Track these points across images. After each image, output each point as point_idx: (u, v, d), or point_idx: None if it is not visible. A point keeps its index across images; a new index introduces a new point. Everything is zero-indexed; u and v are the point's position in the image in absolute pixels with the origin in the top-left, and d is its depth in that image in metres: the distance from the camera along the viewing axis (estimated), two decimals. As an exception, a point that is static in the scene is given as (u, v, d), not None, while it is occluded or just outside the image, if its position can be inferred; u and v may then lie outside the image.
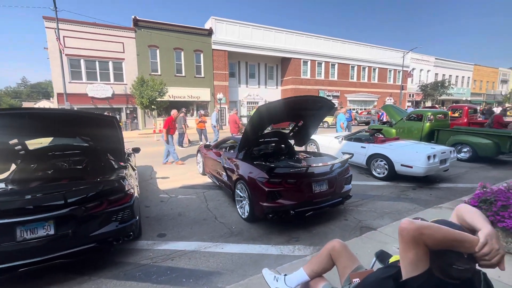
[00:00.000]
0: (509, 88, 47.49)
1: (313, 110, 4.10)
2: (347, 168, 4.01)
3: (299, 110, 4.07)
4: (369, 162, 6.07)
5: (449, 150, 5.56)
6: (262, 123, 3.78)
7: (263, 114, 3.52)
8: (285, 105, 3.63)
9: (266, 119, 3.85)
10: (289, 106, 3.75)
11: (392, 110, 9.89)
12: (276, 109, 3.62)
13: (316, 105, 3.96)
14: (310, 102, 3.90)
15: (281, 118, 4.34)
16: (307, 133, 4.69)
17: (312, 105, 3.97)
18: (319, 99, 3.78)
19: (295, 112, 4.17)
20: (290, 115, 4.32)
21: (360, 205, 4.50)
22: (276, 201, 3.32)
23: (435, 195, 5.01)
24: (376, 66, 33.65)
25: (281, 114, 3.98)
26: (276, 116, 3.99)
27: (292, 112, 4.10)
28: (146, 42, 20.71)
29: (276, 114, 3.86)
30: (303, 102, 3.79)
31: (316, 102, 3.85)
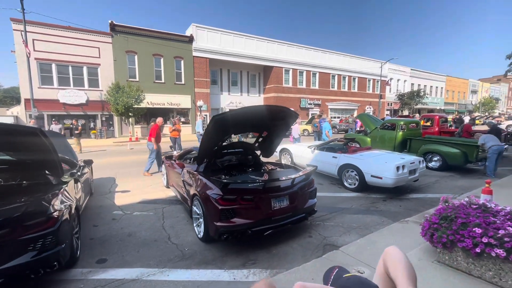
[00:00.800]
0: (478, 98, 50.38)
1: (276, 120, 3.89)
2: (311, 182, 3.81)
3: (262, 120, 3.85)
4: (340, 173, 5.95)
5: (418, 160, 5.54)
6: (219, 133, 3.51)
7: (219, 125, 3.26)
8: (243, 115, 3.39)
9: (224, 130, 3.58)
10: (249, 116, 3.52)
11: (367, 119, 9.98)
12: (235, 119, 3.37)
13: (279, 115, 3.76)
14: (272, 112, 3.69)
15: (242, 128, 4.10)
16: (272, 143, 4.47)
17: (275, 115, 3.77)
18: (280, 109, 3.58)
19: (258, 123, 3.95)
20: (253, 125, 4.10)
21: (328, 220, 4.30)
22: (230, 220, 3.03)
23: (405, 207, 4.91)
24: (355, 75, 34.63)
25: (241, 124, 3.74)
26: (236, 126, 3.74)
27: (254, 122, 3.88)
28: (123, 48, 20.11)
29: (235, 124, 3.61)
30: (264, 112, 3.58)
31: (278, 112, 3.65)
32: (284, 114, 3.74)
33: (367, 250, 3.06)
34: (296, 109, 29.55)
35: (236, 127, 3.79)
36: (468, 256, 2.42)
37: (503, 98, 60.03)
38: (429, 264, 2.70)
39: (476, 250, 2.28)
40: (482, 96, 50.46)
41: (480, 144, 7.07)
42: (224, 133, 3.74)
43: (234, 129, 3.90)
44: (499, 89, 57.81)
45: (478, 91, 52.23)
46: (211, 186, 3.20)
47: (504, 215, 2.67)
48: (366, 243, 3.24)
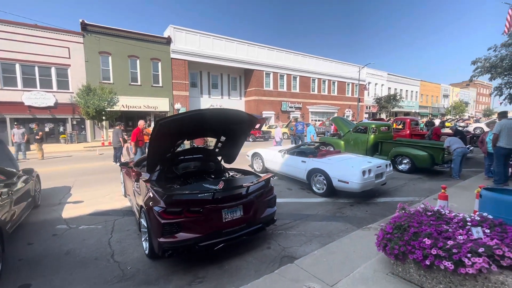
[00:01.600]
0: (449, 102, 53.10)
1: (234, 124, 3.67)
2: (270, 189, 3.61)
3: (217, 125, 3.62)
4: (309, 177, 5.82)
5: (385, 163, 5.52)
6: (167, 139, 3.23)
7: (165, 130, 2.98)
8: (193, 119, 3.14)
9: (174, 135, 3.30)
10: (200, 120, 3.27)
11: (341, 122, 10.02)
12: (183, 123, 3.11)
13: (234, 119, 3.54)
14: (227, 116, 3.46)
15: (195, 133, 3.84)
16: (233, 149, 4.24)
17: (231, 119, 3.54)
18: (236, 112, 3.36)
19: (213, 127, 3.70)
20: (208, 130, 3.85)
21: (291, 228, 4.11)
22: (175, 235, 2.75)
23: (371, 212, 4.84)
24: (335, 79, 35.35)
25: (193, 128, 3.48)
26: (188, 131, 3.47)
27: (209, 126, 3.63)
28: (96, 48, 19.23)
29: (186, 128, 3.34)
30: (217, 116, 3.34)
31: (233, 116, 3.43)
32: (240, 118, 3.53)
33: (323, 263, 2.89)
34: (278, 112, 29.66)
35: (188, 131, 3.52)
36: (419, 268, 2.30)
37: (472, 102, 63.69)
38: (383, 277, 2.56)
39: (426, 263, 2.16)
40: (453, 100, 53.24)
41: (445, 146, 7.23)
42: (174, 138, 3.46)
43: (186, 134, 3.63)
44: (468, 93, 61.31)
45: (449, 95, 55.06)
46: (155, 198, 2.91)
47: (457, 222, 2.59)
48: (323, 255, 3.07)
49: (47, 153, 13.00)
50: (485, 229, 2.33)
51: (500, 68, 13.30)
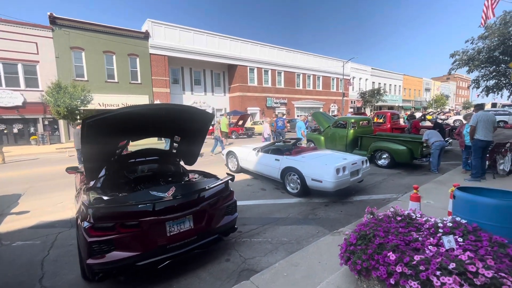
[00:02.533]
0: (431, 95, 54.42)
1: (186, 122, 3.24)
2: (228, 194, 3.22)
3: (165, 123, 3.18)
4: (283, 176, 5.48)
5: (361, 160, 5.25)
6: (101, 140, 2.76)
7: (95, 130, 2.53)
8: (132, 116, 2.69)
9: (109, 135, 2.84)
10: (142, 118, 2.83)
11: (321, 117, 9.76)
12: (118, 121, 2.66)
13: (185, 116, 3.11)
14: (175, 113, 3.03)
15: (141, 133, 3.38)
16: (191, 149, 3.82)
17: (180, 116, 3.11)
18: (184, 108, 2.93)
19: (163, 126, 3.26)
20: (157, 129, 3.41)
21: (257, 234, 3.75)
22: (106, 255, 2.32)
23: (346, 212, 4.55)
24: (320, 74, 35.28)
25: (134, 127, 3.02)
26: (128, 130, 3.01)
27: (157, 125, 3.19)
28: (67, 43, 18.11)
29: (125, 128, 2.89)
30: (163, 112, 2.90)
31: (182, 112, 3.00)
32: (193, 115, 3.11)
33: (283, 278, 2.54)
34: (263, 108, 29.26)
35: (130, 131, 3.06)
36: (385, 287, 1.98)
37: (452, 95, 65.62)
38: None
39: (391, 281, 1.84)
40: (435, 93, 54.61)
41: (423, 140, 7.08)
42: (113, 139, 3.00)
43: (128, 134, 3.17)
44: (449, 87, 63.08)
45: (431, 89, 56.43)
46: (83, 211, 2.46)
47: (428, 228, 2.30)
48: (284, 267, 2.72)
49: (14, 156, 12.10)
50: (458, 237, 2.04)
51: (477, 61, 13.44)
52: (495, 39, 12.70)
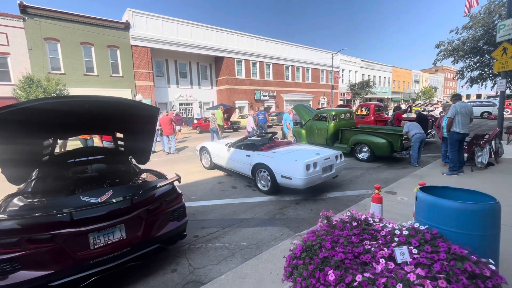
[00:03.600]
0: (420, 87, 54.88)
1: (123, 117, 2.86)
2: (175, 198, 2.88)
3: (98, 118, 2.78)
4: (254, 173, 5.17)
5: (334, 155, 4.97)
6: (15, 138, 2.36)
7: (7, 125, 2.12)
8: (46, 110, 2.29)
9: (25, 132, 2.43)
10: (61, 112, 2.42)
11: (302, 110, 9.44)
12: (32, 116, 2.25)
13: (119, 111, 2.72)
14: (113, 107, 2.64)
15: (71, 129, 2.97)
16: (141, 147, 3.44)
17: (117, 111, 2.73)
18: (114, 101, 2.53)
19: (93, 121, 2.86)
20: (89, 125, 3.00)
21: (214, 239, 3.44)
22: (8, 277, 1.96)
23: (316, 210, 4.28)
24: (309, 66, 34.90)
25: (60, 123, 2.62)
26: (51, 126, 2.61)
27: (84, 120, 2.78)
28: (41, 34, 17.12)
29: (47, 123, 2.49)
30: (81, 105, 2.48)
31: (116, 105, 2.61)
32: (129, 108, 2.72)
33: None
34: (251, 101, 28.80)
35: (54, 127, 2.66)
36: (326, 308, 1.69)
37: (440, 87, 66.42)
38: (290, 313, 1.95)
39: (329, 305, 1.55)
40: (423, 85, 55.07)
41: (403, 132, 6.87)
42: (32, 136, 2.59)
43: (53, 130, 2.77)
44: (437, 78, 63.75)
45: (420, 81, 56.87)
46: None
47: (384, 235, 2.02)
48: (231, 280, 2.42)
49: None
50: (413, 248, 1.76)
51: (462, 51, 13.30)
52: (480, 29, 12.56)
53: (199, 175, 6.42)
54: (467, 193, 2.24)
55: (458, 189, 2.30)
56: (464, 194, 2.25)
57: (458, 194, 2.27)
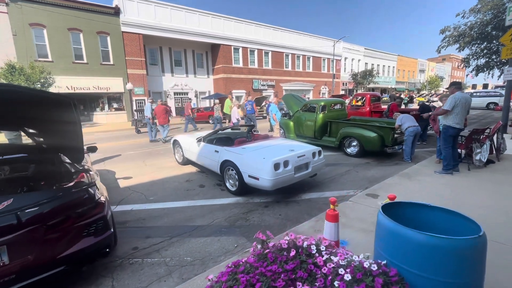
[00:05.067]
0: (426, 77, 53.23)
1: (30, 109, 2.31)
2: (92, 208, 2.35)
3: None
4: (222, 171, 4.63)
5: (311, 151, 4.39)
6: None
7: None
8: None
9: None
10: None
11: (291, 101, 8.80)
12: None
13: (20, 101, 2.16)
14: (11, 97, 2.08)
15: None
16: (63, 143, 2.89)
17: (15, 101, 2.17)
18: (12, 90, 1.97)
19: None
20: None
21: (156, 252, 2.94)
22: None
23: (285, 216, 3.76)
24: (310, 54, 33.71)
25: None
26: None
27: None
28: (25, 19, 16.41)
29: None
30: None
31: (13, 95, 2.05)
32: (34, 98, 2.16)
33: None
34: (249, 90, 27.96)
35: None
36: None
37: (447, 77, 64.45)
38: None
39: None
40: (429, 75, 53.37)
41: (396, 125, 6.25)
42: None
43: None
44: (444, 68, 61.76)
45: (426, 70, 55.14)
46: None
47: (325, 274, 1.48)
48: (141, 317, 1.92)
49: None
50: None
51: (468, 37, 12.37)
52: (489, 13, 11.59)
53: (170, 171, 5.91)
54: (446, 215, 1.67)
55: (436, 208, 1.73)
56: (442, 216, 1.69)
57: (434, 216, 1.71)
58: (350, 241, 2.75)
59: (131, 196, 4.52)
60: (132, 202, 4.26)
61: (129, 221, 3.66)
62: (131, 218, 3.72)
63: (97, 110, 20.80)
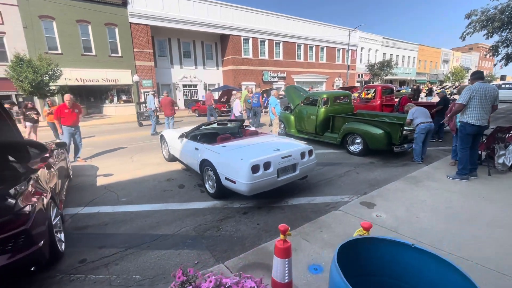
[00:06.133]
0: (450, 67, 49.97)
1: None
2: (12, 220, 1.98)
3: None
4: (202, 171, 4.20)
5: (299, 151, 3.85)
6: None
7: None
8: None
9: None
10: None
11: (293, 93, 8.17)
12: None
13: None
14: None
15: None
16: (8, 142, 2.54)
17: None
18: None
19: None
20: None
21: (104, 266, 2.56)
22: None
23: (264, 225, 3.28)
24: (324, 45, 32.35)
25: None
26: None
27: None
28: (35, 12, 16.55)
29: None
30: None
31: None
32: None
33: None
34: (259, 82, 27.28)
35: None
36: None
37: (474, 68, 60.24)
38: None
39: None
40: (453, 65, 50.00)
41: (407, 120, 5.53)
42: None
43: None
44: (470, 58, 57.68)
45: (450, 61, 51.74)
46: None
47: None
48: None
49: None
50: None
51: (497, 22, 11.05)
52: (524, -7, 10.22)
53: (154, 168, 5.56)
54: (436, 262, 1.14)
55: (423, 251, 1.20)
56: (429, 263, 1.15)
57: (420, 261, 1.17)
58: (326, 266, 2.24)
59: (103, 196, 4.20)
60: (101, 203, 3.93)
61: (90, 226, 3.32)
62: (93, 223, 3.38)
63: (107, 102, 21.00)
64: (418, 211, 3.18)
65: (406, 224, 2.91)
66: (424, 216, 3.06)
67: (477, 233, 2.70)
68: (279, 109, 7.80)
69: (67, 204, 3.91)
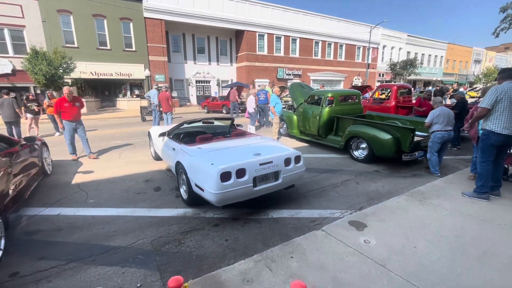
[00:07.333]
0: (481, 68, 46.50)
1: None
2: None
3: None
4: (178, 174, 3.81)
5: (284, 157, 3.33)
6: None
7: None
8: None
9: None
10: None
11: (297, 91, 7.59)
12: None
13: None
14: None
15: None
16: None
17: None
18: None
19: None
20: None
21: (34, 283, 2.23)
22: None
23: (234, 241, 2.83)
24: (343, 42, 31.04)
25: None
26: None
27: None
28: (53, 6, 16.98)
29: None
30: None
31: None
32: None
33: None
34: (273, 80, 26.66)
35: None
36: None
37: (509, 68, 55.64)
38: None
39: None
40: (486, 66, 46.43)
41: (426, 123, 4.79)
42: None
43: None
44: (506, 58, 53.28)
45: (482, 61, 48.13)
46: None
47: None
48: None
49: None
50: None
51: (538, 16, 9.76)
52: None
53: (137, 167, 5.25)
54: None
55: None
56: None
57: None
58: (282, 313, 1.75)
59: (72, 196, 3.93)
60: (66, 204, 3.65)
61: (41, 231, 3.02)
62: (46, 227, 3.09)
63: (120, 96, 21.33)
64: (418, 239, 2.59)
65: (399, 255, 2.33)
66: (424, 246, 2.47)
67: (491, 276, 2.08)
68: (280, 108, 7.25)
69: (33, 203, 3.67)
